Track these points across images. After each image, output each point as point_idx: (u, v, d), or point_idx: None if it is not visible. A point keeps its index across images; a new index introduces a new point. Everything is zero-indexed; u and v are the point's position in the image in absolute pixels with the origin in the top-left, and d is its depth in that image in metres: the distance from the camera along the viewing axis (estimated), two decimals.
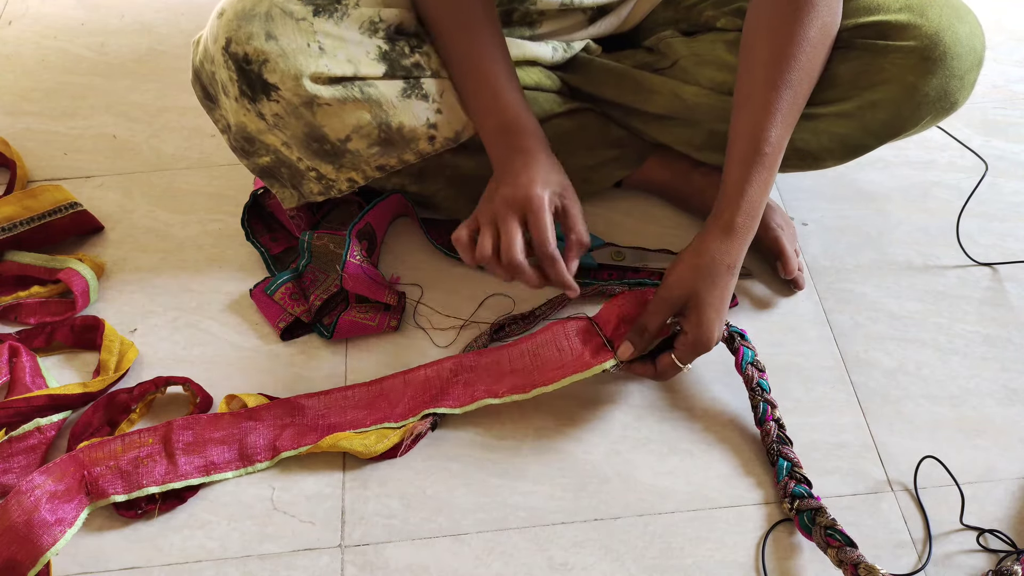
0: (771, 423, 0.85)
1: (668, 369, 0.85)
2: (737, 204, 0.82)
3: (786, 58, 0.81)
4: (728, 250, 0.82)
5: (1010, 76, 1.27)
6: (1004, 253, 1.04)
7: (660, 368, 0.85)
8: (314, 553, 0.81)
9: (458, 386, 0.89)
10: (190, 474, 0.84)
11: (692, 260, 0.82)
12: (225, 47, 0.82)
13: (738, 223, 0.82)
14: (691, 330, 0.82)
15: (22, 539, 0.77)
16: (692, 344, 0.82)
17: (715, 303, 0.81)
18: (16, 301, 0.98)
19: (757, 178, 0.81)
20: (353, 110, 0.86)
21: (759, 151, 0.81)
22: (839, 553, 0.76)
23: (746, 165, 0.81)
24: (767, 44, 0.82)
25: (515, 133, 0.85)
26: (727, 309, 0.84)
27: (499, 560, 0.81)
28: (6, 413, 0.85)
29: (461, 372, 0.90)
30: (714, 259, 0.81)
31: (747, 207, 0.82)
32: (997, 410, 0.91)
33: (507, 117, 0.86)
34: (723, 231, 0.82)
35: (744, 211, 0.82)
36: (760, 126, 0.81)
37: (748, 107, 0.82)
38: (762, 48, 0.82)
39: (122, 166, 1.14)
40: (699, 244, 0.83)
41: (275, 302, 0.97)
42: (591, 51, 1.03)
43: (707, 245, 0.82)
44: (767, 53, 0.82)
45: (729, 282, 0.82)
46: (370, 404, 0.89)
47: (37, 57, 1.30)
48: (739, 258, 0.83)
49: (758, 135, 0.81)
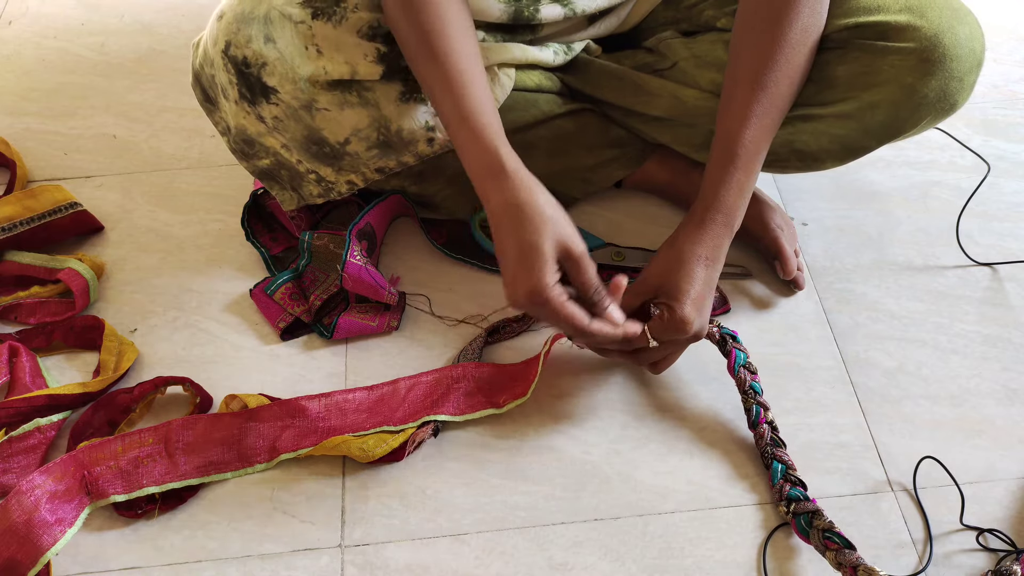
0: (764, 426, 0.85)
1: (632, 333, 0.81)
2: (710, 202, 0.83)
3: (764, 61, 0.81)
4: (700, 241, 0.83)
5: (1010, 76, 1.27)
6: (1004, 253, 1.04)
7: (622, 328, 0.81)
8: (314, 553, 0.81)
9: (458, 394, 0.89)
10: (190, 474, 0.84)
11: (665, 252, 0.84)
12: (224, 50, 0.83)
13: (710, 219, 0.83)
14: (666, 311, 0.82)
15: (22, 539, 0.77)
16: (664, 327, 0.82)
17: (688, 290, 0.82)
18: (16, 301, 0.98)
19: (731, 179, 0.82)
20: (351, 113, 0.86)
21: (734, 153, 0.82)
22: (838, 555, 0.76)
23: (721, 166, 0.83)
24: (747, 46, 0.83)
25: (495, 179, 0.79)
26: (709, 300, 0.84)
27: (499, 560, 0.81)
28: (6, 413, 0.85)
29: (462, 380, 0.90)
30: (683, 250, 0.83)
31: (719, 205, 0.83)
32: (997, 410, 0.91)
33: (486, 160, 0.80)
34: (695, 225, 0.83)
35: (717, 209, 0.83)
36: (736, 128, 0.82)
37: (727, 109, 0.83)
38: (743, 50, 0.83)
39: (122, 166, 1.14)
40: (673, 238, 0.85)
41: (275, 302, 0.97)
42: (591, 51, 1.03)
43: (679, 238, 0.84)
44: (747, 55, 0.83)
45: (703, 273, 0.83)
46: (371, 408, 0.89)
47: (37, 57, 1.30)
48: (714, 252, 0.83)
49: (733, 137, 0.82)
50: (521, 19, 0.91)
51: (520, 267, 0.77)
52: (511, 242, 0.77)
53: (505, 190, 0.78)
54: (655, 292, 0.84)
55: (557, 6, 0.92)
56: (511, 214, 0.77)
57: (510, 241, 0.78)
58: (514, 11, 0.90)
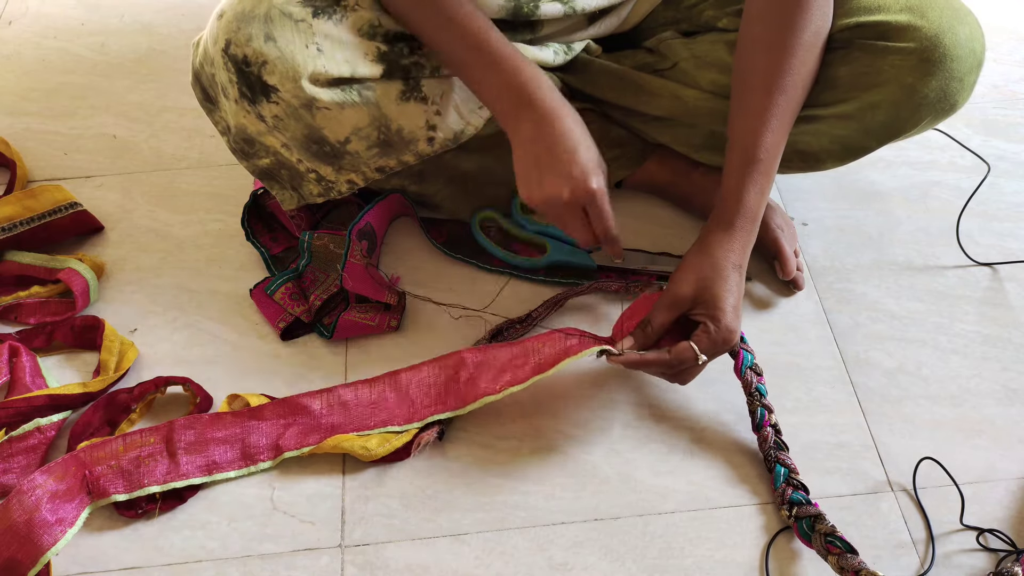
0: (768, 428, 0.85)
1: (684, 357, 0.82)
2: (736, 209, 0.84)
3: (780, 64, 0.82)
4: (732, 249, 0.83)
5: (1010, 76, 1.27)
6: (1004, 253, 1.04)
7: (675, 354, 0.82)
8: (314, 553, 0.81)
9: (459, 384, 0.89)
10: (192, 474, 0.84)
11: (698, 260, 0.84)
12: (224, 49, 0.82)
13: (738, 225, 0.84)
14: (711, 323, 0.82)
15: (23, 539, 0.77)
16: (712, 340, 0.82)
17: (730, 299, 0.82)
18: (16, 301, 0.98)
19: (754, 184, 0.83)
20: (352, 112, 0.86)
21: (755, 158, 0.83)
22: (840, 560, 0.76)
23: (743, 172, 0.83)
24: (761, 50, 0.83)
25: (530, 98, 0.80)
26: (741, 307, 0.84)
27: (499, 560, 0.81)
28: (6, 413, 0.85)
29: (462, 369, 0.89)
30: (719, 258, 0.83)
31: (745, 211, 0.84)
32: (997, 410, 0.91)
33: (519, 80, 0.81)
34: (725, 232, 0.84)
35: (743, 215, 0.84)
36: (755, 133, 0.82)
37: (743, 114, 0.84)
38: (756, 54, 0.83)
39: (122, 166, 1.14)
40: (703, 245, 0.84)
41: (275, 302, 0.97)
42: (591, 51, 1.03)
43: (711, 246, 0.84)
44: (761, 59, 0.83)
45: (739, 281, 0.84)
46: (373, 404, 0.89)
47: (37, 57, 1.30)
48: (744, 259, 0.84)
49: (754, 142, 0.83)
50: (520, 15, 0.91)
51: (576, 161, 0.79)
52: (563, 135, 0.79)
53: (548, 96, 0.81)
54: (692, 304, 0.83)
55: (557, 3, 0.92)
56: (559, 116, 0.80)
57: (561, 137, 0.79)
58: (514, 7, 0.90)
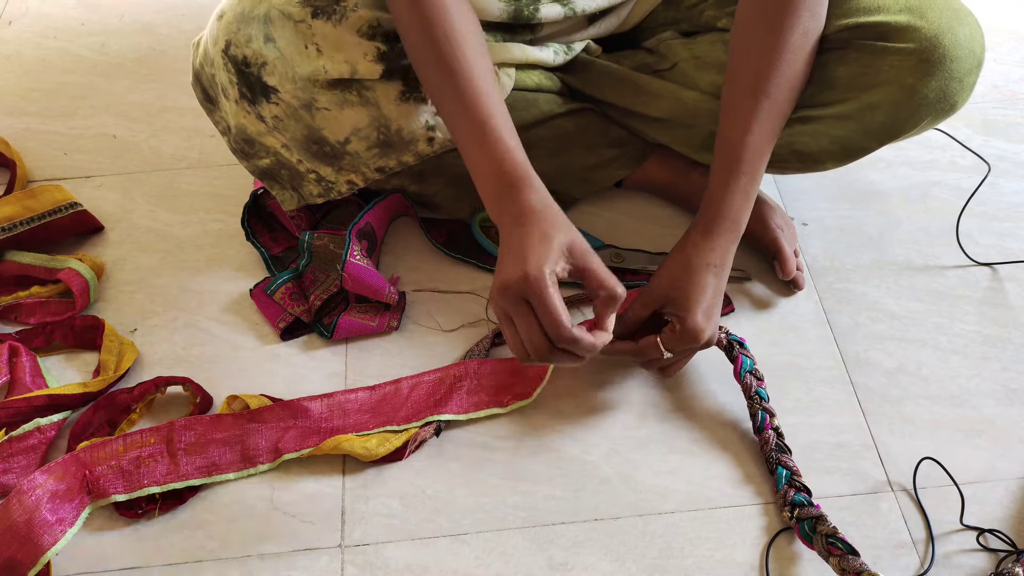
0: (770, 431, 0.85)
1: (648, 348, 0.85)
2: (716, 211, 0.84)
3: (766, 66, 0.82)
4: (709, 248, 0.84)
5: (1010, 76, 1.27)
6: (1004, 253, 1.04)
7: (640, 345, 0.86)
8: (314, 553, 0.81)
9: (461, 393, 0.89)
10: (192, 474, 0.84)
11: (672, 260, 0.85)
12: (225, 50, 0.83)
13: (717, 226, 0.84)
14: (677, 322, 0.84)
15: (23, 539, 0.77)
16: (678, 333, 0.83)
17: (698, 298, 0.83)
18: (16, 301, 0.98)
19: (736, 185, 0.83)
20: (352, 113, 0.86)
21: (738, 159, 0.83)
22: (841, 562, 0.76)
23: (726, 173, 0.84)
24: (748, 51, 0.83)
25: (511, 189, 0.77)
26: (718, 308, 0.85)
27: (499, 560, 0.81)
28: (6, 413, 0.85)
29: (465, 379, 0.90)
30: (693, 258, 0.84)
31: (726, 213, 0.84)
32: (997, 410, 0.91)
33: (504, 170, 0.78)
34: (702, 233, 0.85)
35: (724, 215, 0.84)
36: (740, 135, 0.83)
37: (729, 116, 0.84)
38: (743, 55, 0.84)
39: (122, 166, 1.14)
40: (681, 246, 0.86)
41: (275, 302, 0.97)
42: (591, 51, 1.03)
43: (687, 247, 0.85)
44: (748, 60, 0.83)
45: (712, 280, 0.84)
46: (373, 408, 0.89)
47: (37, 57, 1.30)
48: (723, 258, 0.85)
49: (737, 143, 0.83)
50: (521, 18, 0.91)
51: (523, 254, 0.72)
52: (521, 237, 0.74)
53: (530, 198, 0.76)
54: (664, 302, 0.85)
55: (557, 6, 0.92)
56: (531, 219, 0.75)
57: (520, 238, 0.74)
58: (514, 10, 0.90)
